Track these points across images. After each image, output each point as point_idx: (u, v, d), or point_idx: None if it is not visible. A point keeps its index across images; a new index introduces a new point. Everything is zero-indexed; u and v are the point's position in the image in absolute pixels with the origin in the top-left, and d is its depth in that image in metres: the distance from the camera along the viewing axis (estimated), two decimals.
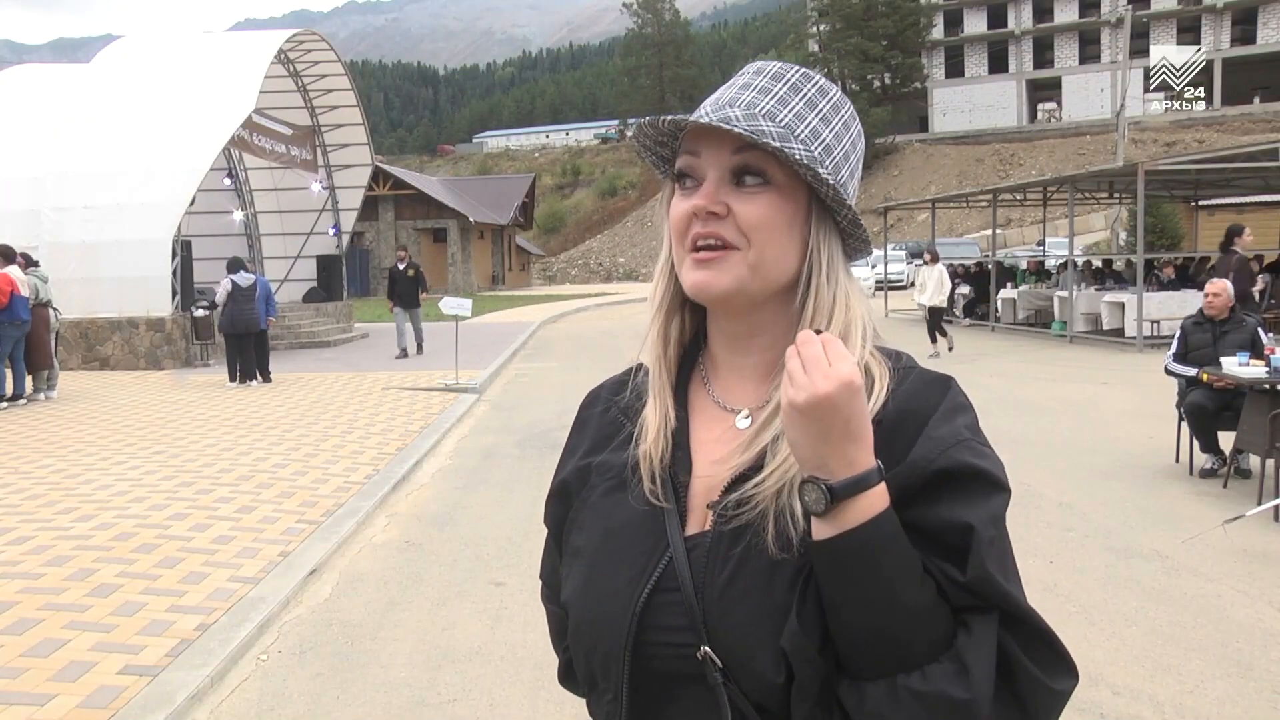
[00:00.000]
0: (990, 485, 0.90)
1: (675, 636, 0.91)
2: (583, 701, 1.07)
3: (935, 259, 15.17)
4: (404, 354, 16.00)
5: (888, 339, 1.03)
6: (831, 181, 0.94)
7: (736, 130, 0.91)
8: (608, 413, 1.10)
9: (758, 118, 0.93)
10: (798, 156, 0.92)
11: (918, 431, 0.92)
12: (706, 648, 0.89)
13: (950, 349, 15.02)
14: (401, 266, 16.56)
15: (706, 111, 0.96)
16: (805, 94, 0.97)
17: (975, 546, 0.86)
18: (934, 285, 14.71)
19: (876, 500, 0.84)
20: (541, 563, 1.18)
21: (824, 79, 1.01)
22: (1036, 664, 0.86)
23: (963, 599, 0.86)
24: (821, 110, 0.98)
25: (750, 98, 0.96)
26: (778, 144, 0.91)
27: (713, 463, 0.98)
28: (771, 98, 0.96)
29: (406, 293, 16.29)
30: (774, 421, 0.94)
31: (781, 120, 0.94)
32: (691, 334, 1.06)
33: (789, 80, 0.98)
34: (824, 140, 0.96)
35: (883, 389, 0.94)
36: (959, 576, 0.86)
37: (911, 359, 1.00)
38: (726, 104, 0.96)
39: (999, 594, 0.86)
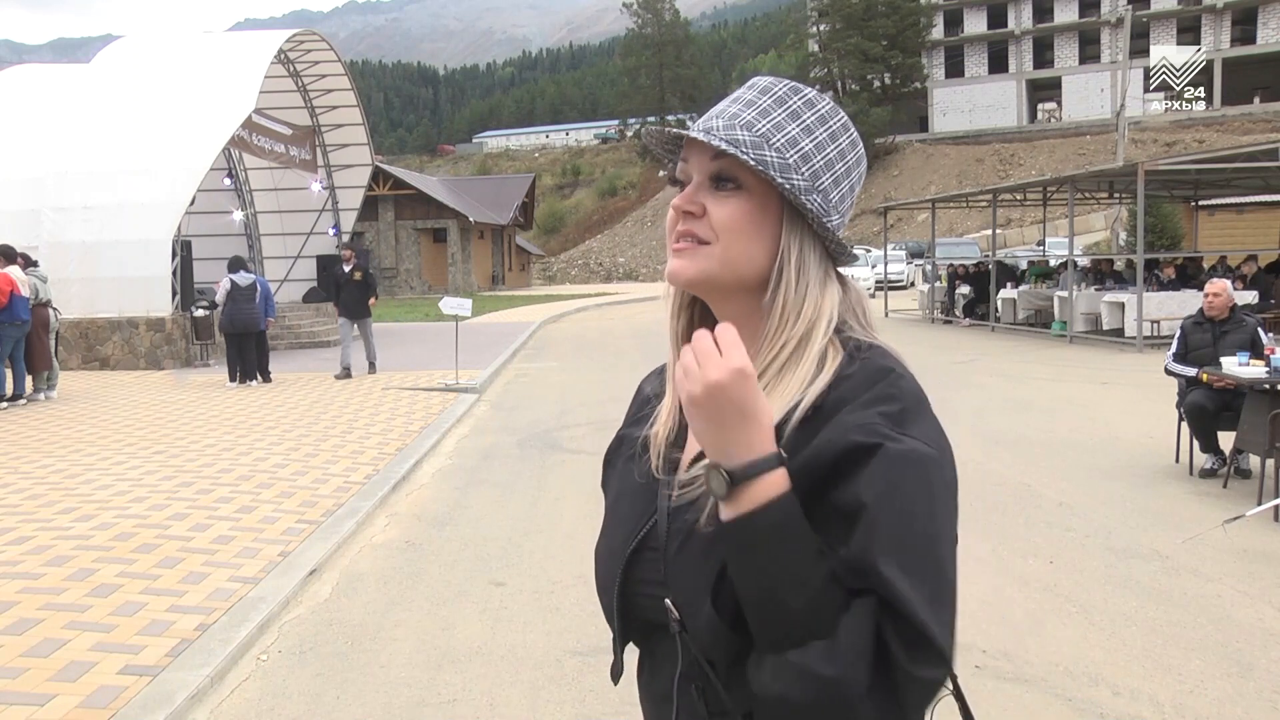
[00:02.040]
0: (896, 465, 0.92)
1: (652, 589, 1.04)
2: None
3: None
4: (346, 373, 13.55)
5: (890, 339, 1.06)
6: (789, 185, 1.02)
7: (699, 138, 1.02)
8: (643, 392, 1.25)
9: (735, 128, 1.03)
10: (750, 161, 1.00)
11: (829, 419, 0.97)
12: (668, 600, 1.01)
13: None
14: (347, 269, 13.94)
15: (699, 124, 1.06)
16: (790, 106, 1.06)
17: (862, 524, 0.90)
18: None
19: (775, 484, 0.91)
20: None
21: (814, 93, 1.08)
22: (906, 651, 0.88)
23: (851, 581, 0.90)
24: (805, 121, 1.06)
25: (735, 110, 1.06)
26: (747, 152, 1.01)
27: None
28: (754, 110, 1.05)
29: (352, 300, 13.82)
30: None
31: (759, 130, 1.03)
32: (699, 326, 1.14)
33: (775, 94, 1.07)
34: (802, 148, 1.04)
35: (825, 378, 1.00)
36: (840, 549, 0.91)
37: (884, 353, 1.04)
38: (715, 115, 1.06)
39: (875, 577, 0.89)
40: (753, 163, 1.00)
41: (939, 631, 0.88)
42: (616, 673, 1.17)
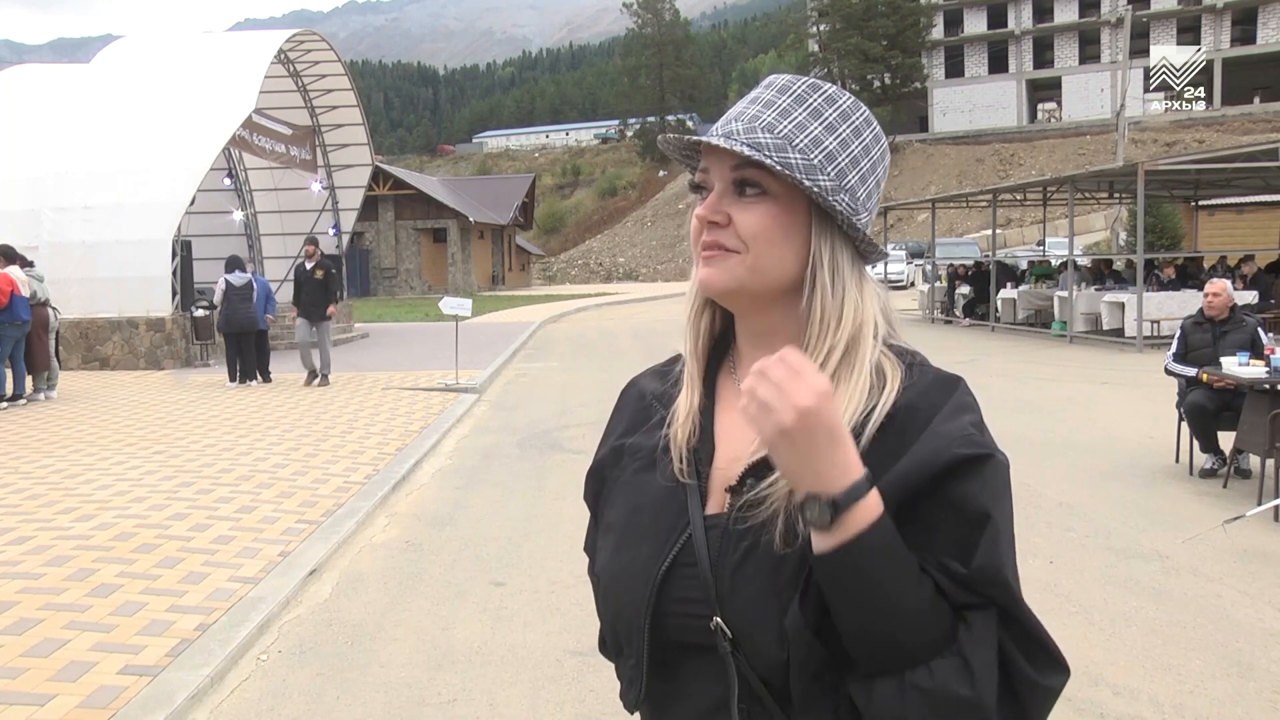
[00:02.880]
0: (1004, 478, 0.94)
1: (691, 608, 0.97)
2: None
3: None
4: (313, 376, 12.87)
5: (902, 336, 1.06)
6: (816, 188, 0.98)
7: (720, 144, 0.98)
8: (643, 398, 1.17)
9: (757, 131, 0.99)
10: (776, 166, 0.97)
11: (923, 429, 0.95)
12: (718, 619, 0.95)
13: None
14: (309, 266, 12.91)
15: (716, 128, 1.02)
16: (810, 104, 1.02)
17: (990, 534, 0.89)
18: None
19: (873, 506, 0.87)
20: (585, 537, 1.28)
21: (834, 89, 1.04)
22: (1031, 662, 0.88)
23: (961, 596, 0.89)
24: (826, 119, 1.02)
25: (755, 111, 1.01)
26: (771, 156, 0.97)
27: (734, 448, 1.04)
28: (774, 110, 1.01)
29: (311, 300, 12.77)
30: None
31: (780, 132, 0.99)
32: (721, 329, 1.12)
33: (794, 92, 1.02)
34: (826, 147, 1.00)
35: (894, 388, 0.98)
36: (960, 569, 0.89)
37: (924, 358, 1.03)
38: (733, 119, 1.02)
39: (1002, 585, 0.89)
40: (778, 168, 0.97)
41: (1049, 635, 0.90)
42: (636, 702, 1.06)
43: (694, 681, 1.00)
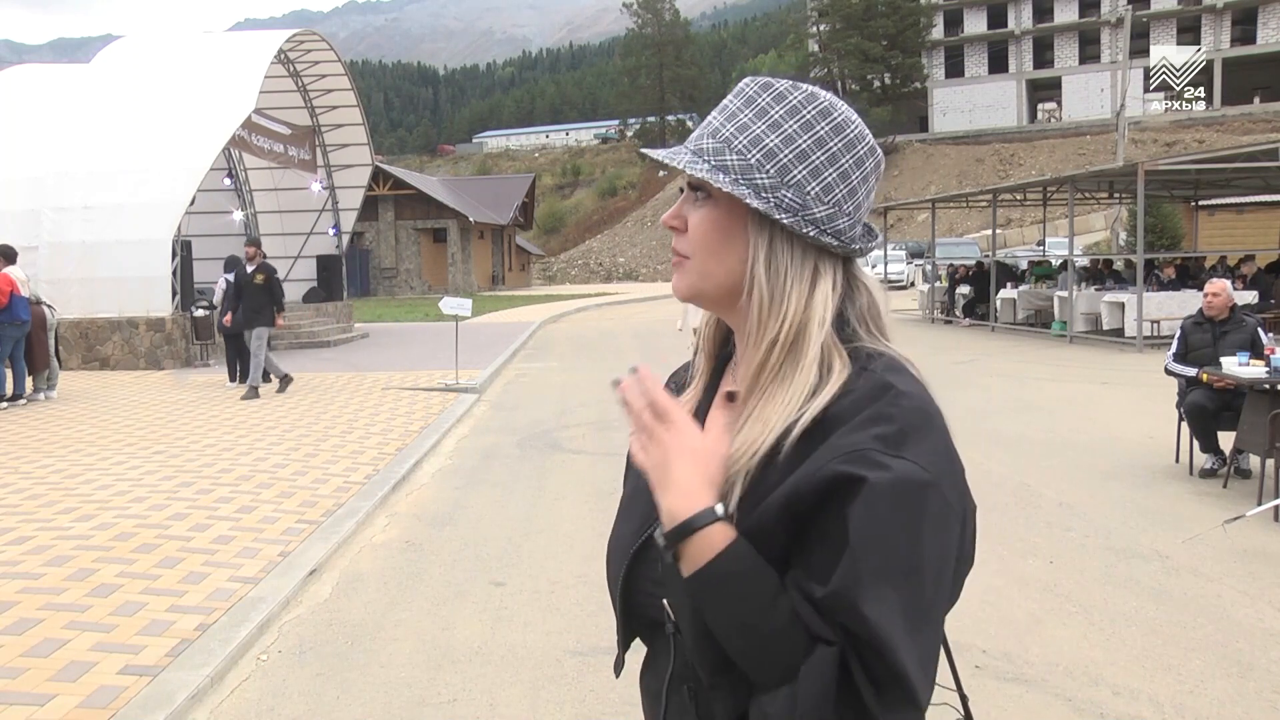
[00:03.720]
0: (882, 497, 0.88)
1: (654, 588, 1.03)
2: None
3: None
4: (286, 380, 11.96)
5: (889, 339, 1.04)
6: (749, 188, 0.99)
7: (657, 157, 1.07)
8: (670, 389, 1.21)
9: (704, 136, 1.04)
10: (714, 172, 1.00)
11: (824, 438, 0.93)
12: (665, 600, 1.01)
13: None
14: (250, 269, 11.77)
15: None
16: (757, 104, 1.03)
17: (845, 561, 0.87)
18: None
19: (716, 540, 0.92)
20: None
21: (787, 85, 1.03)
22: (880, 697, 0.87)
23: (816, 624, 0.89)
24: (771, 116, 1.02)
25: (711, 117, 1.06)
26: (674, 160, 1.03)
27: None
28: (723, 114, 1.05)
29: (250, 306, 11.59)
30: (745, 418, 1.01)
31: (723, 135, 1.02)
32: (725, 331, 1.16)
33: (744, 94, 1.04)
34: (765, 145, 1.01)
35: (829, 393, 0.96)
36: (816, 592, 0.89)
37: (892, 360, 1.00)
38: (701, 124, 1.09)
39: (854, 614, 0.86)
40: (697, 174, 1.01)
41: (914, 670, 0.86)
42: (618, 666, 1.18)
43: (656, 655, 1.09)
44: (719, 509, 0.93)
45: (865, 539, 0.87)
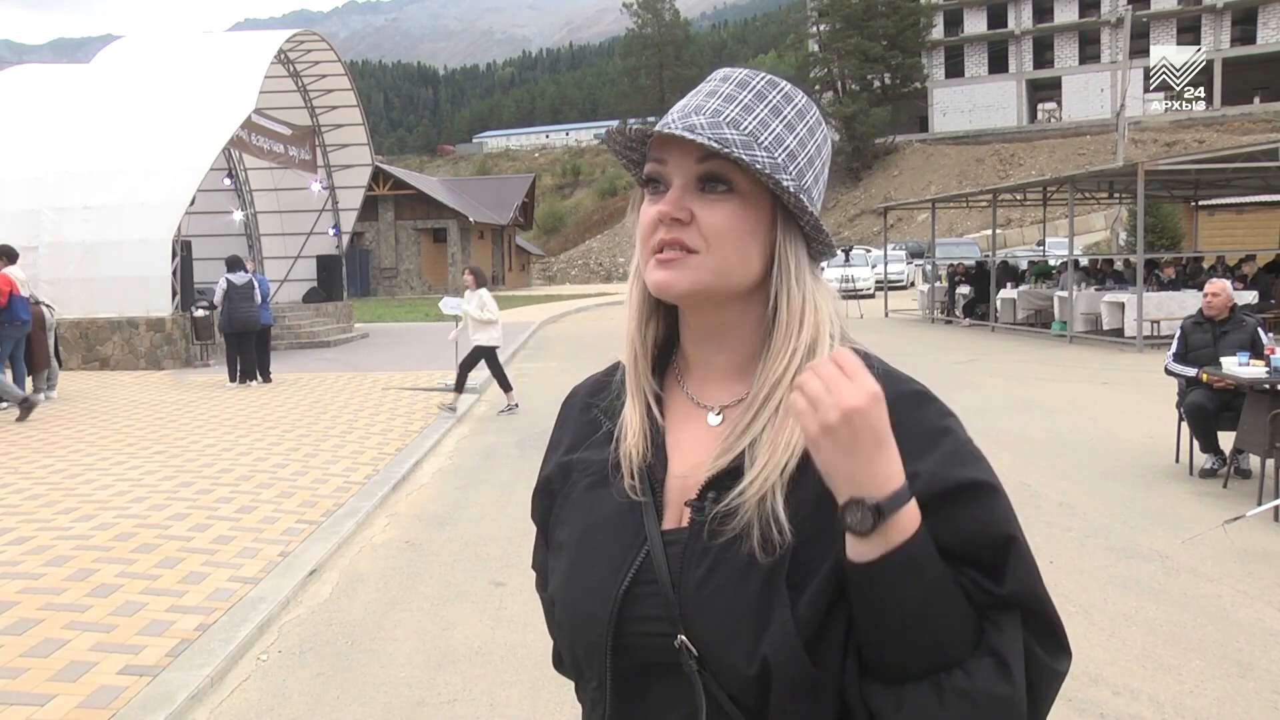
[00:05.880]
0: (1002, 495, 0.94)
1: (653, 626, 0.94)
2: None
3: (478, 281, 10.73)
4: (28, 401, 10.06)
5: (889, 339, 1.05)
6: (792, 189, 0.96)
7: (700, 140, 0.93)
8: (587, 410, 1.12)
9: (722, 125, 0.95)
10: (759, 165, 0.94)
11: (910, 443, 0.91)
12: (683, 637, 0.92)
13: (511, 407, 10.56)
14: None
15: (673, 120, 0.97)
16: (770, 101, 0.99)
17: (1017, 557, 0.90)
18: (477, 314, 10.53)
19: (916, 514, 0.87)
20: (533, 554, 1.21)
21: (790, 85, 1.01)
22: (1045, 649, 0.91)
23: (986, 599, 0.90)
24: (785, 116, 0.99)
25: (715, 105, 0.98)
26: (740, 152, 0.93)
27: (689, 459, 1.01)
28: (736, 105, 0.97)
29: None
30: (750, 423, 0.97)
31: (745, 128, 0.96)
32: (665, 335, 1.08)
33: (754, 87, 0.99)
34: (788, 146, 0.98)
35: None
36: (995, 588, 0.89)
37: (880, 360, 1.00)
38: (692, 111, 0.98)
39: (1038, 600, 0.91)
40: (757, 166, 0.94)
41: (1059, 619, 0.93)
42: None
43: (659, 702, 0.96)
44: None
45: (1010, 520, 0.92)
